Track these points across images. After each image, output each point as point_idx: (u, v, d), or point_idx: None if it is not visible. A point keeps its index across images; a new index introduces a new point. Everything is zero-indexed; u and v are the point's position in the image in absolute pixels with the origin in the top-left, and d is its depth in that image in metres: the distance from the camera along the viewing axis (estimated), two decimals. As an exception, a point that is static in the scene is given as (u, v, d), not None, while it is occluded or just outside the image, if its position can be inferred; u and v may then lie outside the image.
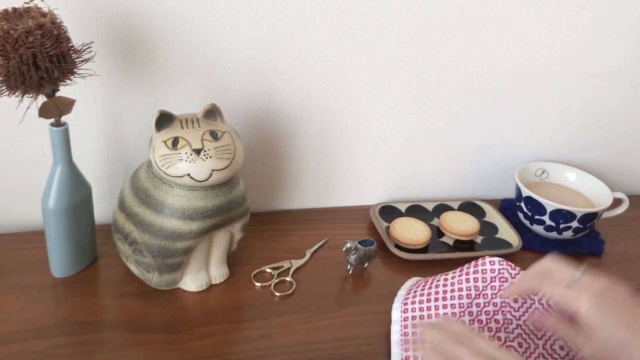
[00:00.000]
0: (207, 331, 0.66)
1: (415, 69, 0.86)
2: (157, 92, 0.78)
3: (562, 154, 1.01)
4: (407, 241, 0.83)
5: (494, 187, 1.01)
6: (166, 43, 0.75)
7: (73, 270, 0.72)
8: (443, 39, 0.84)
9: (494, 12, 0.84)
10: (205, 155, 0.62)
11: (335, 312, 0.71)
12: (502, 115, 0.94)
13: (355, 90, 0.85)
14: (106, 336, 0.64)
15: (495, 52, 0.88)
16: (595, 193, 0.93)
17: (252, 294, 0.72)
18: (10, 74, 0.56)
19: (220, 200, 0.65)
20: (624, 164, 1.06)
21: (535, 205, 0.87)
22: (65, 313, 0.66)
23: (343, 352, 0.65)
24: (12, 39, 0.55)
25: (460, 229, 0.86)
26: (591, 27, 0.90)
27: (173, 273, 0.69)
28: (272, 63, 0.80)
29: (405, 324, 0.64)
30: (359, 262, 0.76)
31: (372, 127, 0.89)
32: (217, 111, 0.66)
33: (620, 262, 0.88)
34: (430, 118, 0.91)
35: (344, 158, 0.91)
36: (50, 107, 0.62)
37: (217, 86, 0.80)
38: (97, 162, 0.81)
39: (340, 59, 0.82)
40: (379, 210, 0.92)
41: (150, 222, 0.65)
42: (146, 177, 0.66)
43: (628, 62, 0.95)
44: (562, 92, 0.95)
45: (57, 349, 0.61)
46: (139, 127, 0.79)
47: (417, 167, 0.96)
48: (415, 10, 0.81)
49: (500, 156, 0.99)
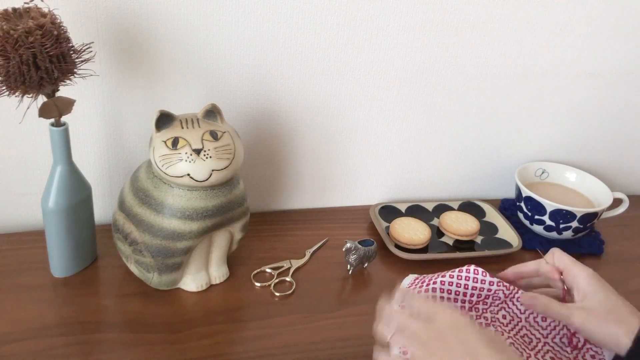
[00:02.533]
0: (207, 331, 0.66)
1: (415, 69, 0.86)
2: (157, 92, 0.78)
3: (562, 154, 1.01)
4: (407, 241, 0.83)
5: (494, 187, 1.01)
6: (166, 43, 0.75)
7: (73, 270, 0.72)
8: (443, 39, 0.84)
9: (494, 12, 0.84)
10: (205, 155, 0.62)
11: (335, 312, 0.71)
12: (502, 115, 0.94)
13: (356, 90, 0.85)
14: (106, 336, 0.64)
15: (495, 52, 0.88)
16: (595, 193, 0.93)
17: (252, 294, 0.72)
18: (10, 74, 0.56)
19: (220, 200, 0.66)
20: (624, 164, 1.06)
21: (535, 205, 0.87)
22: (65, 313, 0.66)
23: (343, 352, 0.65)
24: (12, 39, 0.55)
25: (460, 229, 0.86)
26: (591, 27, 0.90)
27: (173, 273, 0.69)
28: (272, 63, 0.80)
29: None
30: (359, 262, 0.76)
31: (372, 127, 0.89)
32: (217, 111, 0.66)
33: (620, 262, 0.88)
34: (430, 118, 0.91)
35: (344, 158, 0.91)
36: (50, 107, 0.62)
37: (217, 86, 0.80)
38: (97, 162, 0.81)
39: (340, 59, 0.82)
40: (379, 210, 0.92)
41: (150, 222, 0.65)
42: (146, 177, 0.66)
43: (628, 62, 0.95)
44: (562, 92, 0.95)
45: (57, 349, 0.61)
46: (139, 127, 0.79)
47: (417, 167, 0.96)
48: (415, 11, 0.81)
49: (500, 156, 0.99)
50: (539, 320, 0.62)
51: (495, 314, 0.63)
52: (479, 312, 0.63)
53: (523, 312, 0.63)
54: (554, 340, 0.61)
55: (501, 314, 0.63)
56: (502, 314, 0.63)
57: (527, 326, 0.62)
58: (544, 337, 0.61)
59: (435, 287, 0.62)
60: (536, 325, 0.62)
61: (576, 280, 0.59)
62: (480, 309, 0.63)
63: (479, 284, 0.62)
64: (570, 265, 0.60)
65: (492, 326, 0.61)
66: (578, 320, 0.56)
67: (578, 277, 0.58)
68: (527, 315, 0.63)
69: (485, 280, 0.62)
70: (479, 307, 0.63)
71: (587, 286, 0.57)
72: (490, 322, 0.62)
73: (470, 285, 0.62)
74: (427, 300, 0.54)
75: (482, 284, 0.62)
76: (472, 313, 0.62)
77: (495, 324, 0.62)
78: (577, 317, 0.56)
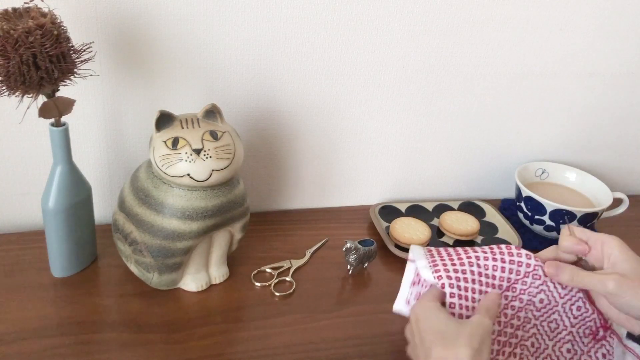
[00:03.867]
0: (207, 331, 0.66)
1: (415, 69, 0.86)
2: (157, 92, 0.78)
3: (562, 154, 1.01)
4: (407, 241, 0.83)
5: (494, 187, 1.01)
6: (166, 43, 0.75)
7: (73, 270, 0.72)
8: (443, 39, 0.84)
9: (494, 12, 0.84)
10: (205, 155, 0.62)
11: (335, 312, 0.71)
12: (502, 115, 0.94)
13: (356, 90, 0.85)
14: (106, 336, 0.64)
15: (495, 52, 0.88)
16: (595, 193, 0.93)
17: (252, 294, 0.72)
18: (10, 74, 0.56)
19: (220, 200, 0.65)
20: (624, 164, 1.06)
21: (535, 205, 0.87)
22: (65, 313, 0.66)
23: (343, 352, 0.65)
24: (12, 39, 0.55)
25: (460, 229, 0.86)
26: (591, 27, 0.90)
27: (173, 273, 0.69)
28: (272, 63, 0.80)
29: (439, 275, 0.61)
30: (359, 262, 0.76)
31: (372, 127, 0.89)
32: (217, 111, 0.66)
33: (620, 262, 0.88)
34: (430, 118, 0.91)
35: (344, 158, 0.91)
36: (50, 107, 0.62)
37: (217, 86, 0.80)
38: (97, 162, 0.81)
39: (340, 59, 0.82)
40: (379, 210, 0.92)
41: (150, 222, 0.65)
42: (146, 177, 0.66)
43: (628, 62, 0.95)
44: (562, 92, 0.95)
45: (57, 349, 0.61)
46: (139, 127, 0.80)
47: (417, 167, 0.96)
48: (415, 11, 0.81)
49: (500, 156, 0.99)
50: (574, 308, 0.61)
51: (533, 297, 0.61)
52: (515, 292, 0.61)
53: (562, 297, 0.62)
54: (578, 330, 0.61)
55: (539, 297, 0.61)
56: (540, 297, 0.61)
57: (560, 311, 0.61)
58: (571, 325, 0.61)
59: (471, 262, 0.60)
60: (569, 312, 0.62)
61: (605, 247, 0.56)
62: (517, 289, 0.61)
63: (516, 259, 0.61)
64: (595, 234, 0.57)
65: (524, 311, 0.60)
66: (613, 284, 0.53)
67: (607, 245, 0.56)
68: (564, 300, 0.62)
69: (522, 254, 0.61)
70: (516, 287, 0.61)
71: (618, 253, 0.55)
72: (518, 310, 0.61)
73: (507, 261, 0.61)
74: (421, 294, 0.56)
75: (518, 257, 0.61)
76: (509, 293, 0.61)
77: (530, 307, 0.60)
78: (613, 281, 0.53)
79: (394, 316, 0.70)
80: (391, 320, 0.70)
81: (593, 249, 0.57)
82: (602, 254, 0.56)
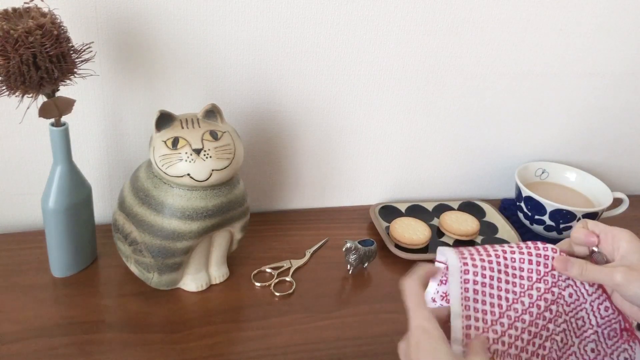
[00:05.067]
0: (207, 331, 0.66)
1: (416, 69, 0.86)
2: (157, 92, 0.78)
3: (562, 154, 1.01)
4: (407, 241, 0.83)
5: (494, 187, 1.01)
6: (166, 43, 0.75)
7: (73, 270, 0.72)
8: (443, 39, 0.84)
9: (494, 12, 0.84)
10: (205, 155, 0.62)
11: (335, 312, 0.71)
12: (502, 115, 0.94)
13: (356, 90, 0.85)
14: (106, 336, 0.64)
15: (495, 52, 0.88)
16: (595, 193, 0.93)
17: (252, 294, 0.72)
18: (10, 74, 0.56)
19: (220, 200, 0.66)
20: (624, 164, 1.06)
21: (535, 205, 0.87)
22: (65, 313, 0.66)
23: (343, 352, 0.65)
24: (12, 39, 0.55)
25: (460, 229, 0.86)
26: (591, 27, 0.90)
27: (173, 273, 0.69)
28: (272, 63, 0.80)
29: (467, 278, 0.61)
30: (359, 262, 0.76)
31: (372, 127, 0.89)
32: (217, 111, 0.66)
33: (620, 262, 0.88)
34: (430, 118, 0.91)
35: (344, 158, 0.91)
36: (50, 107, 0.62)
37: (217, 86, 0.80)
38: (97, 162, 0.81)
39: (340, 59, 0.82)
40: (379, 210, 0.92)
41: (150, 222, 0.65)
42: (146, 177, 0.66)
43: (628, 62, 0.95)
44: (562, 92, 0.95)
45: (57, 349, 0.61)
46: (139, 127, 0.80)
47: (417, 167, 0.96)
48: (415, 11, 0.81)
49: (500, 156, 0.99)
50: (602, 308, 0.61)
51: (562, 290, 0.61)
52: (547, 285, 0.61)
53: (590, 294, 0.61)
54: (603, 331, 0.61)
55: (568, 292, 0.61)
56: (569, 291, 0.61)
57: (587, 309, 0.61)
58: (597, 325, 0.61)
59: (497, 254, 0.60)
60: (597, 312, 0.61)
61: (616, 240, 0.56)
62: (549, 281, 0.61)
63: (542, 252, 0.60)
64: (608, 227, 0.58)
65: (556, 304, 0.60)
66: (620, 275, 0.53)
67: (617, 238, 0.56)
68: (592, 298, 0.62)
69: (548, 248, 0.61)
70: (547, 279, 0.61)
71: (627, 245, 0.55)
72: (550, 303, 0.60)
73: (534, 254, 0.60)
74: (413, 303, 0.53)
75: (545, 251, 0.60)
76: (541, 285, 0.61)
77: (560, 301, 0.60)
78: (619, 273, 0.53)
79: (394, 316, 0.71)
80: (391, 320, 0.70)
81: (604, 242, 0.57)
82: (613, 247, 0.57)
